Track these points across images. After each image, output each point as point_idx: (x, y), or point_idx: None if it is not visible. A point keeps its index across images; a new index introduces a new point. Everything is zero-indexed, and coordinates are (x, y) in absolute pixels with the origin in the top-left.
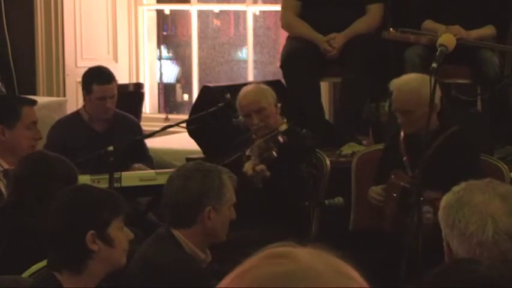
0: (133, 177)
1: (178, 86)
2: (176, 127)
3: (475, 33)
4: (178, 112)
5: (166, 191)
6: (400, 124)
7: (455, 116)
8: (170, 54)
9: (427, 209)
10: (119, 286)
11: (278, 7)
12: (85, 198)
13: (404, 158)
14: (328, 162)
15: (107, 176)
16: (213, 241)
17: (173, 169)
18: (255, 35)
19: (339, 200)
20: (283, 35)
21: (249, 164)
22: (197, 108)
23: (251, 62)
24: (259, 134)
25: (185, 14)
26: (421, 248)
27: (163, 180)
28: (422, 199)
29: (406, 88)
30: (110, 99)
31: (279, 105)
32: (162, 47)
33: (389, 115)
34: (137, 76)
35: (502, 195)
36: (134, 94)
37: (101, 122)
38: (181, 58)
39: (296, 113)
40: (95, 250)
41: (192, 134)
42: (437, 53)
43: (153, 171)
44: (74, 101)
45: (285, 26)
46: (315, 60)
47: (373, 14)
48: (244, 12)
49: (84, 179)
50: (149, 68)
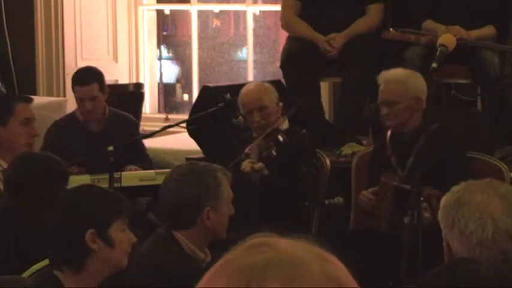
0: (133, 177)
1: (178, 86)
2: (176, 127)
3: (475, 33)
4: (178, 112)
5: (162, 194)
6: (384, 117)
7: (455, 116)
8: (170, 54)
9: (423, 206)
10: (119, 286)
11: (278, 7)
12: (88, 197)
13: (392, 158)
14: (328, 162)
15: (107, 176)
16: (214, 239)
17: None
18: (255, 35)
19: (339, 200)
20: (283, 35)
21: (248, 162)
22: (197, 108)
23: (251, 62)
24: (259, 132)
25: (185, 14)
26: (421, 248)
27: (163, 180)
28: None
29: (393, 79)
30: (89, 101)
31: (281, 104)
32: (162, 47)
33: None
34: (137, 76)
35: (502, 195)
36: (134, 94)
37: (96, 122)
38: (181, 58)
39: (296, 113)
40: (95, 249)
41: (192, 134)
42: (437, 53)
43: (153, 171)
44: (74, 101)
45: (285, 26)
46: (315, 60)
47: (373, 14)
48: (244, 12)
49: (84, 179)
50: (149, 68)
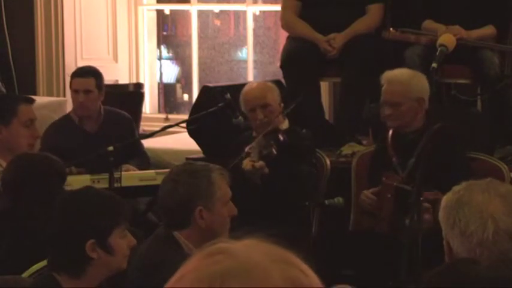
0: (133, 177)
1: (178, 86)
2: (176, 127)
3: (475, 33)
4: (178, 112)
5: (159, 195)
6: (386, 117)
7: (455, 116)
8: (170, 54)
9: (428, 208)
10: (119, 287)
11: (278, 7)
12: (88, 205)
13: (393, 159)
14: (328, 162)
15: (107, 176)
16: (215, 239)
17: None
18: (255, 35)
19: (339, 200)
20: (283, 35)
21: (248, 161)
22: (197, 108)
23: (251, 62)
24: (259, 131)
25: (185, 14)
26: (421, 248)
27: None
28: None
29: (397, 80)
30: (83, 93)
31: (282, 104)
32: (162, 47)
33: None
34: (137, 76)
35: (503, 195)
36: (134, 94)
37: (91, 123)
38: (181, 58)
39: (296, 113)
40: (95, 258)
41: (192, 134)
42: (437, 53)
43: (153, 171)
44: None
45: (285, 26)
46: (315, 60)
47: (373, 14)
48: (244, 12)
49: (84, 179)
50: (149, 68)
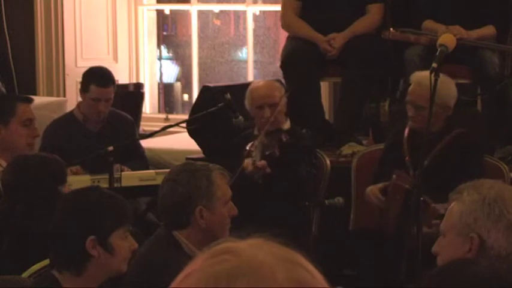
0: (133, 177)
1: (178, 86)
2: (176, 127)
3: (475, 33)
4: (178, 112)
5: (159, 195)
6: (410, 117)
7: (455, 116)
8: (170, 54)
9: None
10: (119, 287)
11: (278, 7)
12: (91, 203)
13: (406, 158)
14: (328, 162)
15: (107, 176)
16: (215, 239)
17: None
18: (255, 35)
19: (339, 200)
20: (283, 35)
21: (250, 160)
22: (197, 108)
23: (251, 62)
24: (262, 130)
25: (185, 14)
26: (422, 249)
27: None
28: (422, 199)
29: (425, 84)
30: (105, 102)
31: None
32: (162, 47)
33: (389, 115)
34: (137, 76)
35: None
36: (134, 94)
37: (95, 122)
38: (181, 58)
39: (296, 113)
40: (95, 255)
41: (192, 134)
42: (437, 53)
43: (153, 171)
44: (74, 101)
45: (285, 26)
46: (315, 60)
47: (373, 14)
48: (244, 12)
49: (84, 179)
50: (149, 68)
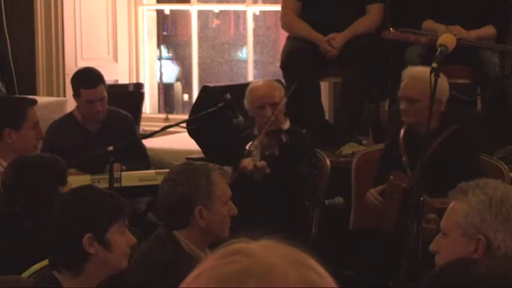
0: (133, 177)
1: (178, 86)
2: (176, 127)
3: (475, 33)
4: (178, 112)
5: (159, 195)
6: (402, 111)
7: (455, 116)
8: (170, 54)
9: (434, 218)
10: (119, 287)
11: (278, 7)
12: (86, 200)
13: (403, 158)
14: (328, 162)
15: (107, 176)
16: (215, 239)
17: None
18: (255, 35)
19: (339, 200)
20: (283, 35)
21: (249, 160)
22: (197, 108)
23: (251, 62)
24: (262, 130)
25: (185, 14)
26: (421, 248)
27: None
28: (422, 199)
29: (417, 77)
30: (99, 101)
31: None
32: (162, 47)
33: (389, 115)
34: (137, 76)
35: None
36: (134, 94)
37: (95, 122)
38: (181, 58)
39: (296, 113)
40: (92, 253)
41: (192, 134)
42: (437, 53)
43: (153, 171)
44: (74, 101)
45: (285, 26)
46: (315, 60)
47: (373, 14)
48: (244, 12)
49: (84, 179)
50: (149, 68)
